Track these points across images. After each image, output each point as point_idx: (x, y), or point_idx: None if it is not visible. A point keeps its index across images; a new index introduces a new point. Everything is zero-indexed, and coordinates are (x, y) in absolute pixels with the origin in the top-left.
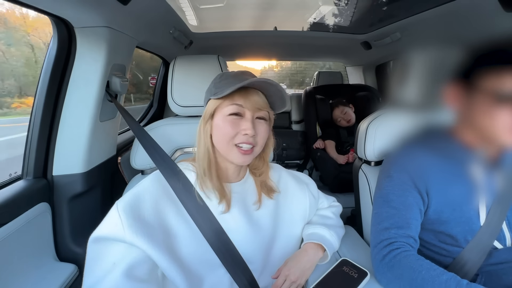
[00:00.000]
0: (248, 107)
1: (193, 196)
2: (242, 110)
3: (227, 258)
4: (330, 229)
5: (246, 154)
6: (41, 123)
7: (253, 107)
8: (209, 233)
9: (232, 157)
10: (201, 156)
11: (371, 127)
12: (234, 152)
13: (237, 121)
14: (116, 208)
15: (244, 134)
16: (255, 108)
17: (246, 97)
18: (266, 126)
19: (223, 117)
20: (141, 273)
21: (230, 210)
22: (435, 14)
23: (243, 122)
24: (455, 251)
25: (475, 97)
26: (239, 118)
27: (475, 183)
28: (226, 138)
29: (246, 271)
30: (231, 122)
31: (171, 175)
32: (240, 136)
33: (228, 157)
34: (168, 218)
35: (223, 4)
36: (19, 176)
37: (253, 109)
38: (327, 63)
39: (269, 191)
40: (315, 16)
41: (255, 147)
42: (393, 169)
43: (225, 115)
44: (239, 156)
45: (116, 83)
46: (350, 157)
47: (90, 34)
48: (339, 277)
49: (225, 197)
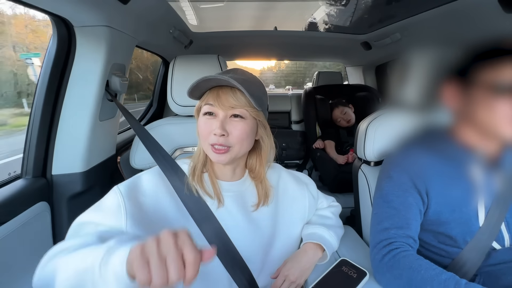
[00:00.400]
0: (219, 106)
1: (193, 194)
2: (214, 110)
3: (226, 257)
4: (329, 229)
5: (220, 154)
6: (41, 122)
7: (224, 106)
8: (208, 231)
9: (210, 156)
10: (196, 154)
11: (370, 127)
12: (210, 150)
13: (210, 120)
14: (119, 192)
15: (214, 135)
16: (227, 107)
17: (218, 96)
18: (243, 124)
19: (201, 117)
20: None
21: (227, 208)
22: (435, 14)
23: (214, 121)
24: (454, 252)
25: (473, 92)
26: (212, 117)
27: (474, 184)
28: (202, 138)
29: (245, 270)
30: (205, 122)
31: (172, 173)
32: (212, 136)
33: (208, 155)
34: (168, 214)
35: (223, 4)
36: (18, 175)
37: (224, 108)
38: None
39: (265, 196)
40: (315, 16)
41: (232, 147)
42: (393, 169)
43: (202, 115)
44: (214, 155)
45: (116, 82)
46: (350, 157)
47: (90, 33)
48: (338, 277)
49: (215, 193)
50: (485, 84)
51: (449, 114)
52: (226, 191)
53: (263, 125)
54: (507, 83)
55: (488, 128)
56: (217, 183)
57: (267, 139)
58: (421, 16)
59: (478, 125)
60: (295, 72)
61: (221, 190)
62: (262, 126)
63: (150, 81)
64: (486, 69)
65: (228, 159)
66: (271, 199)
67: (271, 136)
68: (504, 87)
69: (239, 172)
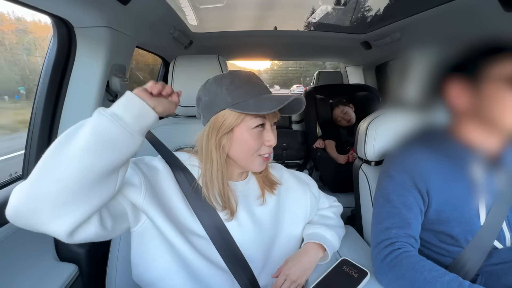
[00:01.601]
0: (270, 118)
1: (197, 192)
2: (264, 121)
3: (228, 255)
4: (330, 229)
5: (267, 161)
6: (42, 123)
7: (274, 117)
8: (211, 229)
9: (254, 167)
10: (213, 171)
11: (371, 126)
12: (258, 161)
13: (260, 133)
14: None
15: (268, 146)
16: (275, 118)
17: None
18: (275, 131)
19: (248, 130)
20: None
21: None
22: (435, 14)
23: (266, 134)
24: (456, 251)
25: (484, 88)
26: (261, 129)
27: (475, 183)
28: (250, 152)
29: (246, 269)
30: (256, 135)
31: (178, 170)
32: (264, 147)
33: (247, 167)
34: (173, 203)
35: (223, 4)
36: (19, 176)
37: (273, 119)
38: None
39: (272, 184)
40: (315, 16)
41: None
42: (394, 169)
43: (250, 128)
44: (261, 164)
45: (116, 83)
46: (350, 157)
47: (90, 34)
48: (339, 277)
49: (228, 204)
50: (496, 78)
51: (449, 113)
52: (233, 191)
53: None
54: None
55: (499, 123)
56: (231, 185)
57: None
58: (421, 16)
59: (489, 120)
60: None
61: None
62: None
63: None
64: (495, 64)
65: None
66: (278, 185)
67: None
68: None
69: (246, 172)
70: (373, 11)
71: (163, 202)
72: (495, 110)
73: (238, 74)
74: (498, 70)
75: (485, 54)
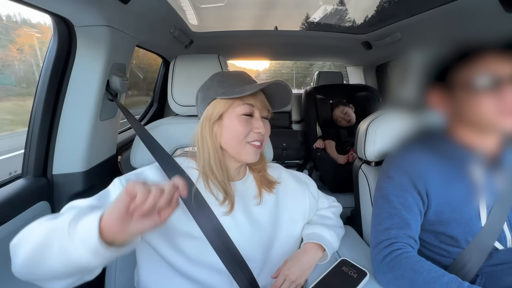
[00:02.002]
0: (258, 107)
1: (194, 193)
2: (252, 110)
3: (226, 256)
4: (329, 229)
5: (258, 149)
6: (41, 122)
7: (262, 107)
8: (209, 230)
9: (245, 155)
10: (210, 158)
11: (371, 127)
12: (248, 149)
13: (249, 120)
14: (120, 183)
15: (257, 132)
16: (264, 108)
17: (256, 98)
18: (268, 123)
19: (236, 117)
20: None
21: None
22: (435, 14)
23: (255, 121)
24: (456, 252)
25: (456, 95)
26: (249, 117)
27: (475, 184)
28: (239, 137)
29: (245, 270)
30: (244, 122)
31: (173, 172)
32: (253, 134)
33: (239, 155)
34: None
35: (223, 4)
36: (19, 174)
37: (262, 108)
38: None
39: (270, 184)
40: (315, 16)
41: (263, 142)
42: (393, 170)
43: (237, 115)
44: (252, 152)
45: (116, 82)
46: (350, 157)
47: (90, 33)
48: (339, 277)
49: (229, 196)
50: (463, 85)
51: (442, 117)
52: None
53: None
54: (482, 80)
55: (483, 125)
56: (231, 184)
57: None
58: (422, 16)
59: (472, 124)
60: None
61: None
62: None
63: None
64: (461, 70)
65: (259, 155)
66: (277, 185)
67: None
68: (481, 85)
69: (243, 171)
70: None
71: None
72: (474, 115)
73: (228, 72)
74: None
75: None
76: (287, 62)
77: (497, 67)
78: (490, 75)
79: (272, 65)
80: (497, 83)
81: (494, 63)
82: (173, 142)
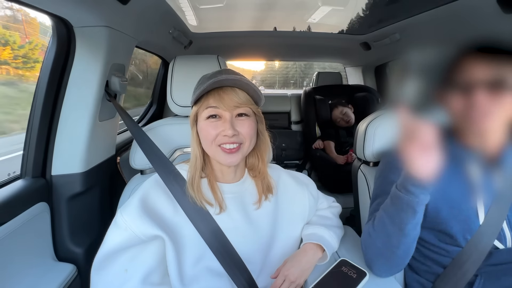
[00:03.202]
0: (224, 108)
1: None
2: (218, 112)
3: (225, 258)
4: (329, 229)
5: (231, 153)
6: (40, 122)
7: (229, 106)
8: (206, 233)
9: (219, 158)
10: (192, 162)
11: (370, 127)
12: (219, 152)
13: (217, 122)
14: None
15: (224, 136)
16: (232, 107)
17: (221, 98)
18: (250, 121)
19: (203, 121)
20: (156, 279)
21: (227, 210)
22: (434, 15)
23: (221, 123)
24: (454, 251)
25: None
26: (218, 119)
27: (473, 182)
28: (208, 141)
29: (244, 272)
30: (210, 125)
31: (169, 176)
32: (221, 137)
33: (215, 158)
34: (165, 215)
35: (222, 4)
36: (17, 175)
37: (229, 108)
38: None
39: (268, 190)
40: (314, 16)
41: (243, 144)
42: (388, 169)
43: (204, 119)
44: (225, 157)
45: (115, 83)
46: (349, 157)
47: (89, 34)
48: (338, 278)
49: (216, 200)
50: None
51: (448, 115)
52: (226, 193)
53: (261, 120)
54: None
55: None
56: (218, 187)
57: (266, 134)
58: (420, 17)
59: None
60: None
61: (222, 193)
62: (260, 121)
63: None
64: (454, 71)
65: (239, 159)
66: (274, 191)
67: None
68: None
69: (240, 173)
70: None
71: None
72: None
73: (209, 73)
74: (453, 76)
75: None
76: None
77: (473, 71)
78: (466, 78)
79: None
80: (468, 87)
81: (472, 66)
82: (172, 143)
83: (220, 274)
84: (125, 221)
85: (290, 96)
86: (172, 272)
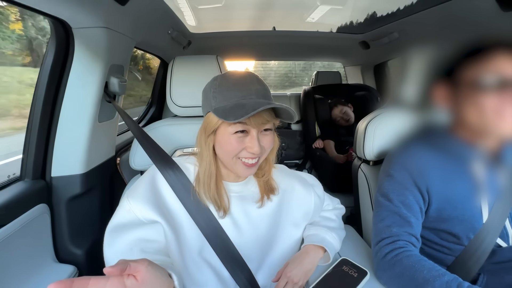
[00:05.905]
0: (253, 125)
1: (191, 194)
2: (247, 128)
3: (225, 255)
4: (332, 231)
5: (251, 167)
6: (40, 124)
7: (257, 124)
8: (207, 230)
9: (237, 170)
10: (203, 168)
11: (370, 126)
12: (239, 165)
13: (242, 138)
14: (127, 199)
15: (249, 152)
16: (260, 125)
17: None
18: (271, 136)
19: (228, 135)
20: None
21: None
22: (432, 13)
23: (249, 140)
24: (457, 249)
25: (460, 92)
26: (245, 135)
27: (476, 181)
28: (230, 155)
29: (245, 269)
30: (237, 140)
31: (171, 174)
32: (245, 152)
33: (232, 170)
34: (166, 206)
35: (221, 4)
36: (17, 177)
37: (258, 126)
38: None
39: (270, 191)
40: (313, 16)
41: (260, 157)
42: (393, 168)
43: (229, 133)
44: (244, 170)
45: (114, 83)
46: (349, 156)
47: (88, 35)
48: (339, 277)
49: (222, 205)
50: (469, 82)
51: (445, 114)
52: (229, 191)
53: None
54: (488, 79)
55: (480, 128)
56: (224, 188)
57: (277, 139)
58: (419, 15)
59: (470, 125)
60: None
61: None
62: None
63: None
64: (469, 67)
65: (255, 170)
66: (277, 192)
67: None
68: (486, 84)
69: None
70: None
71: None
72: (473, 116)
73: (229, 76)
74: (470, 74)
75: (461, 57)
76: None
77: (505, 68)
78: (496, 74)
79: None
80: (502, 84)
81: (502, 63)
82: (172, 143)
83: (221, 271)
84: (130, 205)
85: (289, 96)
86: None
